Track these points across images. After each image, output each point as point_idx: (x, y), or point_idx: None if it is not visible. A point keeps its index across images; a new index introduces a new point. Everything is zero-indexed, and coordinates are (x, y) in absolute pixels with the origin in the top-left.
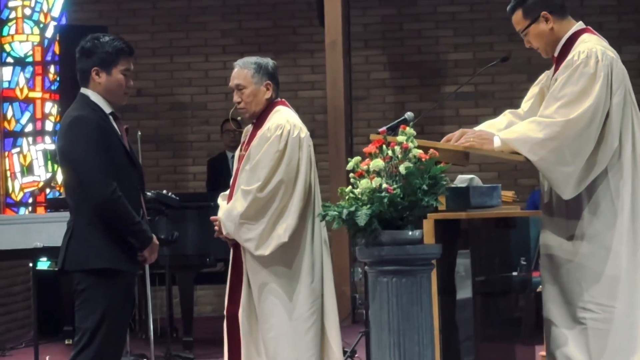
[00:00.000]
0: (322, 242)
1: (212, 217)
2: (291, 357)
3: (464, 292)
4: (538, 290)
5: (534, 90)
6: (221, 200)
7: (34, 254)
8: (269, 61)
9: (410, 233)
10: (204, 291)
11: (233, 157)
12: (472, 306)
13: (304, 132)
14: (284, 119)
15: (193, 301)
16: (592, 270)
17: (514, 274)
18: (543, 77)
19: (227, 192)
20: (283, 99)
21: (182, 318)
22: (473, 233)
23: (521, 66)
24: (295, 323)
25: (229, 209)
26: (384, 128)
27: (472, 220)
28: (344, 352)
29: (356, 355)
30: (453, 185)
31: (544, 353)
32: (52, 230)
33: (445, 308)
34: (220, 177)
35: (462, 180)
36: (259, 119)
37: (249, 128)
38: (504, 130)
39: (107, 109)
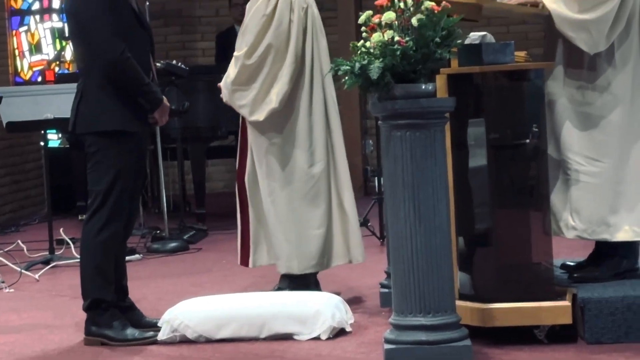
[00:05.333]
0: (328, 104)
1: (218, 84)
2: (290, 222)
3: (478, 151)
4: None
5: None
6: None
7: (45, 125)
8: None
9: (423, 86)
10: (216, 167)
11: None
12: (485, 167)
13: None
14: None
15: (205, 174)
16: (590, 120)
17: (527, 141)
18: None
19: None
20: None
21: (195, 191)
22: (486, 88)
23: None
24: (291, 187)
25: (225, 76)
26: None
27: (486, 75)
28: None
29: (369, 224)
30: (465, 42)
31: None
32: (62, 101)
33: (458, 164)
34: (229, 51)
35: (474, 37)
36: None
37: None
38: None
39: None
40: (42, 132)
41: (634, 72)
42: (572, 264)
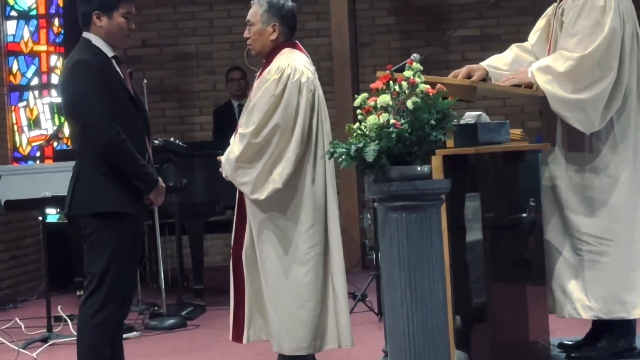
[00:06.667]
0: (327, 187)
1: (218, 157)
2: (284, 301)
3: (474, 228)
4: None
5: (540, 23)
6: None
7: (43, 203)
8: (286, 3)
9: (419, 168)
10: (214, 241)
11: (239, 105)
12: (482, 244)
13: (306, 77)
14: (286, 62)
15: (203, 249)
16: (593, 202)
17: (524, 215)
18: (550, 9)
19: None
20: (296, 42)
21: (193, 266)
22: (482, 168)
23: (527, 8)
24: (291, 267)
25: (227, 151)
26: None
27: (481, 156)
28: (354, 297)
29: (367, 299)
30: (460, 122)
31: None
32: (61, 179)
33: (455, 244)
34: (226, 126)
35: (469, 117)
36: (266, 61)
37: (257, 75)
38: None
39: (110, 53)
40: None
41: (634, 150)
42: (569, 343)
